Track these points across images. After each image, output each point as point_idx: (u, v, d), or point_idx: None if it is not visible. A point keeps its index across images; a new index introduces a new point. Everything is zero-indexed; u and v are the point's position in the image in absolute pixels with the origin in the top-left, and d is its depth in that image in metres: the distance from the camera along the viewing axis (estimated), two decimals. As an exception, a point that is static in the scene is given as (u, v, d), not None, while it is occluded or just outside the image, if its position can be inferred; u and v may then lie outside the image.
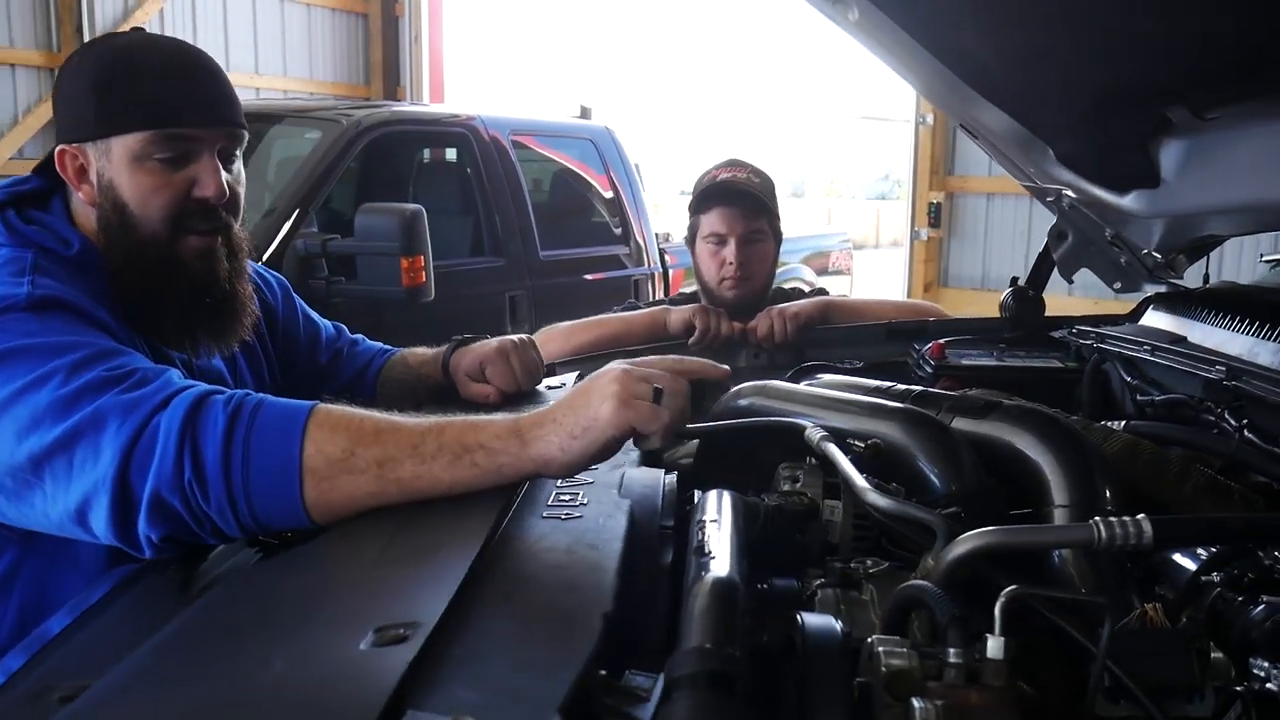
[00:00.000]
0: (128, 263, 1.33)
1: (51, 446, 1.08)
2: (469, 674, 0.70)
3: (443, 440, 1.06)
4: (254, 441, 1.06)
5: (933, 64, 1.81)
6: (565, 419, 1.07)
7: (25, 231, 1.31)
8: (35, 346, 1.14)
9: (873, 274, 12.36)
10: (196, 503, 1.05)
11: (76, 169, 1.34)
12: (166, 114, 1.31)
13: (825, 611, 1.01)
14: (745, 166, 2.42)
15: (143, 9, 7.35)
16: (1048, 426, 1.26)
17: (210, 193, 1.33)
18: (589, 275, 5.25)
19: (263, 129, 4.81)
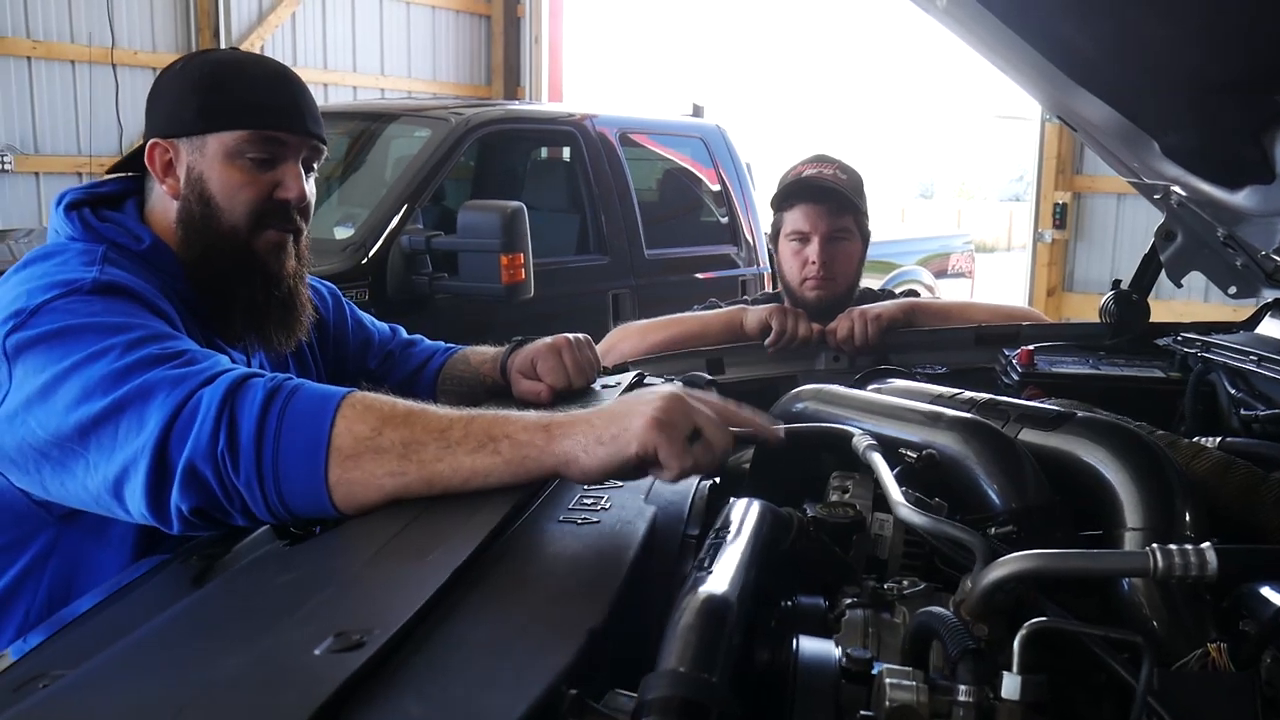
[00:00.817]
0: (205, 253, 1.40)
1: (99, 416, 1.11)
2: (425, 685, 0.66)
3: (470, 428, 1.05)
4: (288, 417, 1.07)
5: (1027, 52, 1.71)
6: (598, 423, 1.03)
7: (99, 228, 1.38)
8: (94, 325, 1.18)
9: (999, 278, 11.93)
10: (228, 475, 1.06)
11: (165, 163, 1.41)
12: (265, 117, 1.40)
13: (851, 633, 0.94)
14: (832, 162, 2.32)
15: (275, 13, 7.62)
16: (1124, 441, 1.16)
17: (292, 195, 1.42)
18: (700, 274, 5.19)
19: (379, 128, 4.94)
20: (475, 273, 3.86)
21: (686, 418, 1.02)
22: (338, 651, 0.67)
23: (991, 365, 1.94)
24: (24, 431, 1.16)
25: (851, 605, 0.96)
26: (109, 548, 1.29)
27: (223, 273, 1.40)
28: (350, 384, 1.65)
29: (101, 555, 1.29)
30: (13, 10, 6.28)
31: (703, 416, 1.04)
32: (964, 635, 0.74)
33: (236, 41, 7.31)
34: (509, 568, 0.87)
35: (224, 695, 0.63)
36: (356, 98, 7.91)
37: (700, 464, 1.02)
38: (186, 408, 1.08)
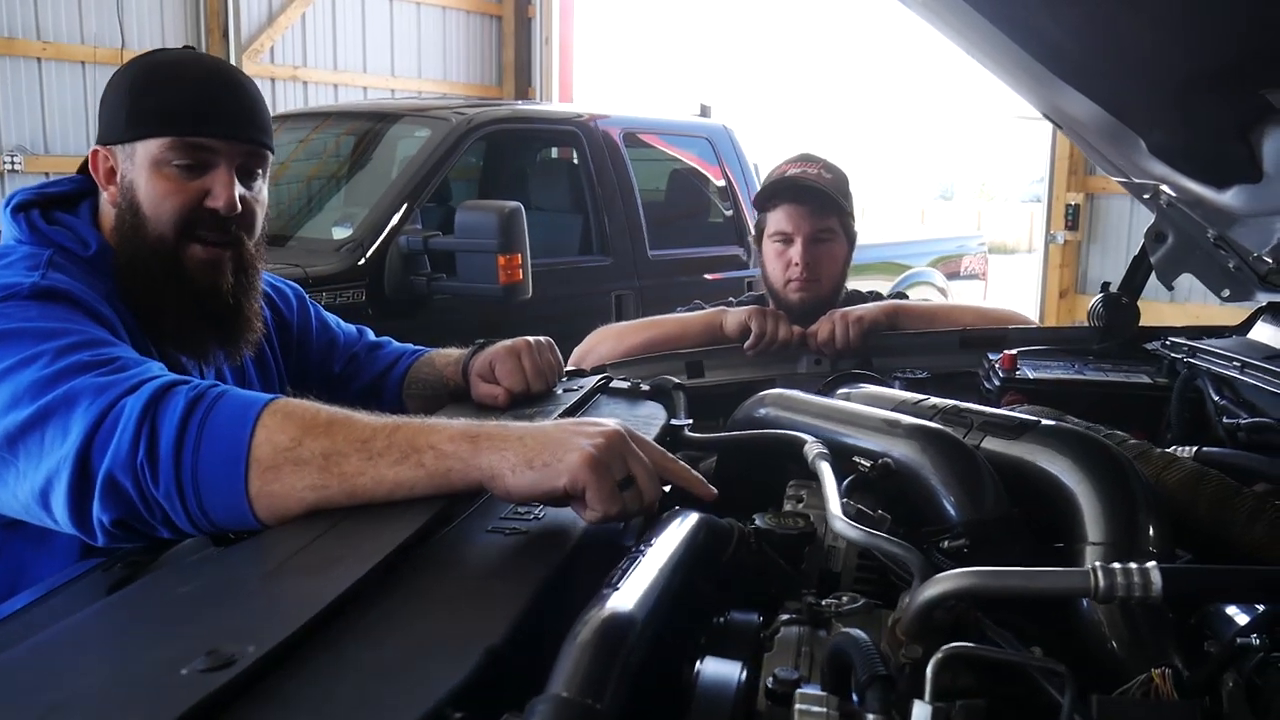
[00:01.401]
0: (132, 261, 1.37)
1: (25, 423, 1.09)
2: (296, 709, 0.63)
3: (394, 438, 1.01)
4: (208, 427, 1.03)
5: (1007, 46, 1.66)
6: (531, 444, 0.98)
7: (46, 231, 1.36)
8: (28, 330, 1.16)
9: (1012, 279, 11.82)
10: (147, 486, 1.02)
11: (107, 170, 1.39)
12: (186, 123, 1.35)
13: (784, 652, 0.89)
14: (817, 161, 2.26)
15: (286, 14, 7.62)
16: (1087, 451, 1.11)
17: (220, 204, 1.36)
18: (707, 275, 5.15)
19: (383, 128, 4.93)
20: (473, 273, 3.83)
21: (621, 462, 0.98)
22: (206, 670, 0.64)
23: (976, 370, 1.88)
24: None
25: (787, 622, 0.92)
26: (52, 556, 1.26)
27: (151, 282, 1.37)
28: (314, 386, 1.65)
29: (44, 563, 1.26)
30: (23, 11, 6.31)
31: (638, 464, 0.99)
32: (874, 660, 0.70)
33: (246, 43, 7.33)
34: (418, 581, 0.84)
35: (72, 715, 0.60)
36: (367, 98, 7.91)
37: (627, 511, 0.97)
38: (109, 416, 1.05)
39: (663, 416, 1.46)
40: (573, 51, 9.41)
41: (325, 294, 3.62)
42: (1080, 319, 6.56)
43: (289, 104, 7.46)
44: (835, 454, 1.20)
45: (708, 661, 0.73)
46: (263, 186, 1.45)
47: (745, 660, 0.78)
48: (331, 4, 7.99)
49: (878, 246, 7.07)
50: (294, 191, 4.80)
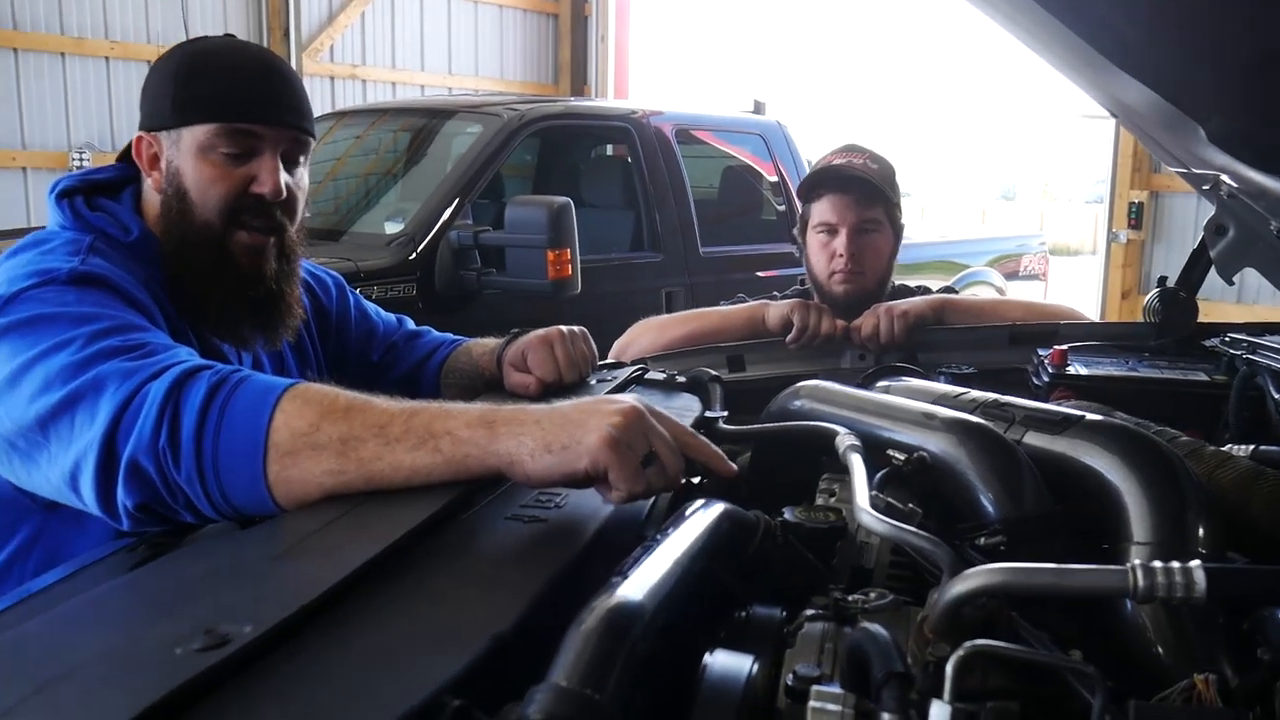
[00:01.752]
0: (179, 248, 1.38)
1: (56, 408, 1.10)
2: (290, 691, 0.61)
3: (411, 424, 1.00)
4: (228, 412, 1.03)
5: (1060, 32, 1.60)
6: (549, 427, 0.97)
7: (89, 217, 1.37)
8: (63, 315, 1.17)
9: (1074, 280, 11.57)
10: (170, 470, 1.02)
11: (150, 156, 1.40)
12: (233, 109, 1.35)
13: (806, 648, 0.86)
14: (863, 151, 2.21)
15: (345, 13, 7.72)
16: (1134, 447, 1.06)
17: (266, 190, 1.37)
18: (759, 272, 5.10)
19: (437, 125, 4.96)
20: (522, 268, 3.84)
21: (642, 438, 0.96)
22: (201, 650, 0.62)
23: (1025, 366, 1.83)
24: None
25: (811, 618, 0.89)
26: (88, 536, 1.27)
27: (197, 269, 1.38)
28: (353, 375, 1.65)
29: (81, 543, 1.27)
30: (92, 12, 6.47)
31: (659, 440, 0.97)
32: (892, 656, 0.67)
33: (306, 42, 7.43)
34: (429, 567, 0.82)
35: (64, 688, 0.59)
36: (424, 96, 7.98)
37: (652, 488, 0.96)
38: (134, 401, 1.05)
39: (697, 409, 1.43)
40: (628, 49, 9.41)
41: (376, 288, 3.65)
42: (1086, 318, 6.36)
43: (347, 102, 7.55)
44: (870, 447, 1.16)
45: (718, 654, 0.70)
46: (304, 173, 1.46)
47: (758, 654, 0.75)
48: (390, 3, 8.08)
49: (934, 245, 6.97)
50: (350, 187, 4.86)
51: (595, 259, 4.22)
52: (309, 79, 7.49)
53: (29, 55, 6.19)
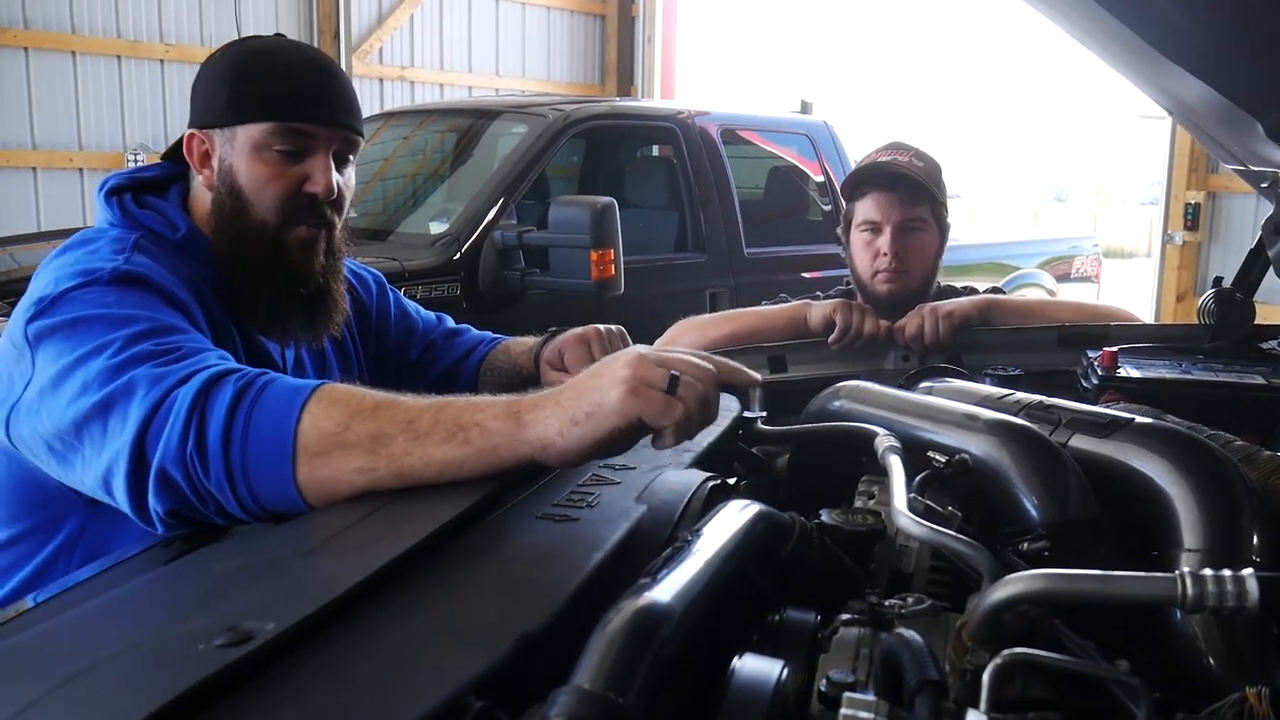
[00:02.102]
0: (234, 245, 1.39)
1: (90, 412, 1.10)
2: (310, 688, 0.61)
3: (440, 418, 1.00)
4: (255, 416, 1.03)
5: (1116, 29, 1.56)
6: (568, 402, 0.97)
7: (137, 214, 1.38)
8: (103, 317, 1.17)
9: (1128, 283, 11.35)
10: (198, 477, 1.03)
11: (201, 154, 1.41)
12: (289, 109, 1.36)
13: (841, 654, 0.84)
14: (908, 149, 2.17)
15: (394, 15, 7.78)
16: (1185, 450, 1.02)
17: (320, 189, 1.38)
18: (805, 274, 5.06)
19: (482, 125, 4.98)
20: (566, 268, 3.84)
21: (659, 370, 0.97)
22: (223, 646, 0.62)
23: (1074, 369, 1.78)
24: (36, 421, 1.17)
25: (847, 623, 0.87)
26: (130, 532, 1.27)
27: (250, 266, 1.39)
28: (392, 373, 1.65)
29: (124, 539, 1.27)
30: (147, 16, 6.58)
31: (674, 361, 0.99)
32: (926, 663, 0.65)
33: (356, 43, 7.50)
34: (458, 565, 0.81)
35: (87, 682, 0.59)
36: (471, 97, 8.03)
37: (692, 411, 0.97)
38: (162, 408, 1.06)
39: (735, 409, 1.41)
40: (675, 50, 9.39)
41: (420, 288, 3.67)
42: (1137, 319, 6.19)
43: (396, 104, 7.61)
44: (911, 449, 1.14)
45: (747, 659, 0.68)
46: (351, 173, 1.46)
47: (790, 659, 0.73)
48: (439, 5, 8.13)
49: (984, 246, 6.87)
50: (397, 187, 4.89)
51: (639, 259, 4.21)
52: (358, 81, 7.56)
53: (86, 58, 6.31)
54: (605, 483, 1.05)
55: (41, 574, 1.31)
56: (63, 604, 0.89)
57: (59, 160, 6.28)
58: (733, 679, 0.65)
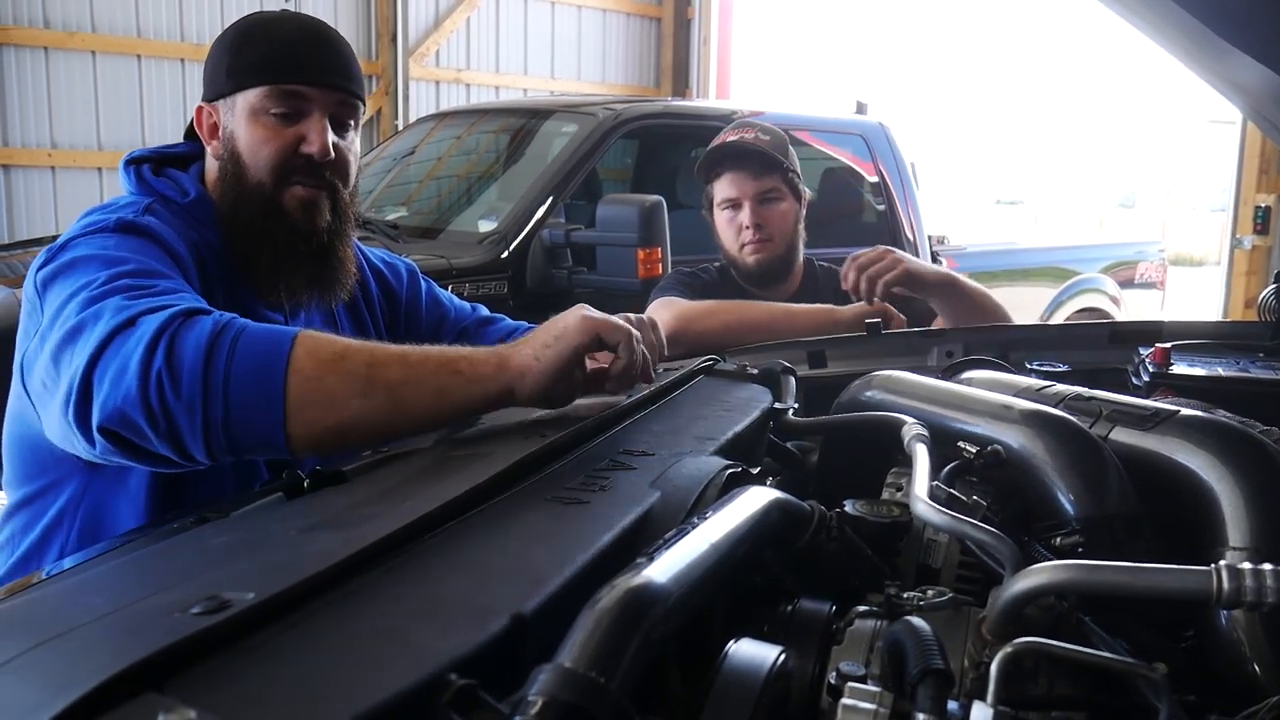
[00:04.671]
0: (235, 207, 1.42)
1: (62, 340, 1.13)
2: (280, 659, 0.58)
3: (429, 353, 1.10)
4: (242, 343, 1.05)
5: (1177, 15, 1.51)
6: (538, 336, 1.15)
7: (151, 182, 1.44)
8: (97, 257, 1.21)
9: (1199, 290, 11.05)
10: (166, 394, 1.03)
11: (210, 126, 1.45)
12: (283, 72, 1.39)
13: (855, 646, 0.81)
14: (753, 126, 2.32)
15: (451, 19, 7.85)
16: (1231, 444, 0.97)
17: (314, 149, 1.40)
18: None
19: (535, 125, 4.99)
20: (612, 267, 3.81)
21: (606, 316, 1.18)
22: (200, 614, 0.60)
23: (1125, 366, 1.72)
24: (35, 364, 1.20)
25: (863, 614, 0.83)
26: (126, 497, 1.31)
27: (251, 227, 1.41)
28: None
29: (122, 504, 1.32)
30: (210, 18, 6.70)
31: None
32: (931, 652, 0.61)
33: (413, 47, 7.58)
34: (457, 543, 0.79)
35: (59, 645, 0.58)
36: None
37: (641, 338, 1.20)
38: (125, 330, 1.07)
39: (767, 400, 1.38)
40: (730, 52, 9.35)
41: (468, 286, 3.67)
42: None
43: (452, 105, 7.67)
44: (944, 440, 1.10)
45: (742, 643, 0.65)
46: (355, 138, 1.48)
47: (798, 650, 0.70)
48: (495, 8, 8.18)
49: (1045, 250, 6.72)
50: (449, 186, 4.92)
51: (690, 259, 4.17)
52: (415, 83, 7.63)
53: (105, 58, 6.37)
54: (622, 468, 1.02)
55: (45, 539, 1.34)
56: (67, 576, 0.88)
57: (78, 160, 6.34)
58: (724, 663, 0.62)
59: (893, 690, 0.63)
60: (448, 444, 1.11)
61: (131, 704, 0.52)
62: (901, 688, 0.64)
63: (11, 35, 5.98)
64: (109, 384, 1.05)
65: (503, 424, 1.18)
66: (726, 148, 2.29)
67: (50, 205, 6.28)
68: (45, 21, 6.13)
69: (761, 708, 0.59)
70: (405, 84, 7.50)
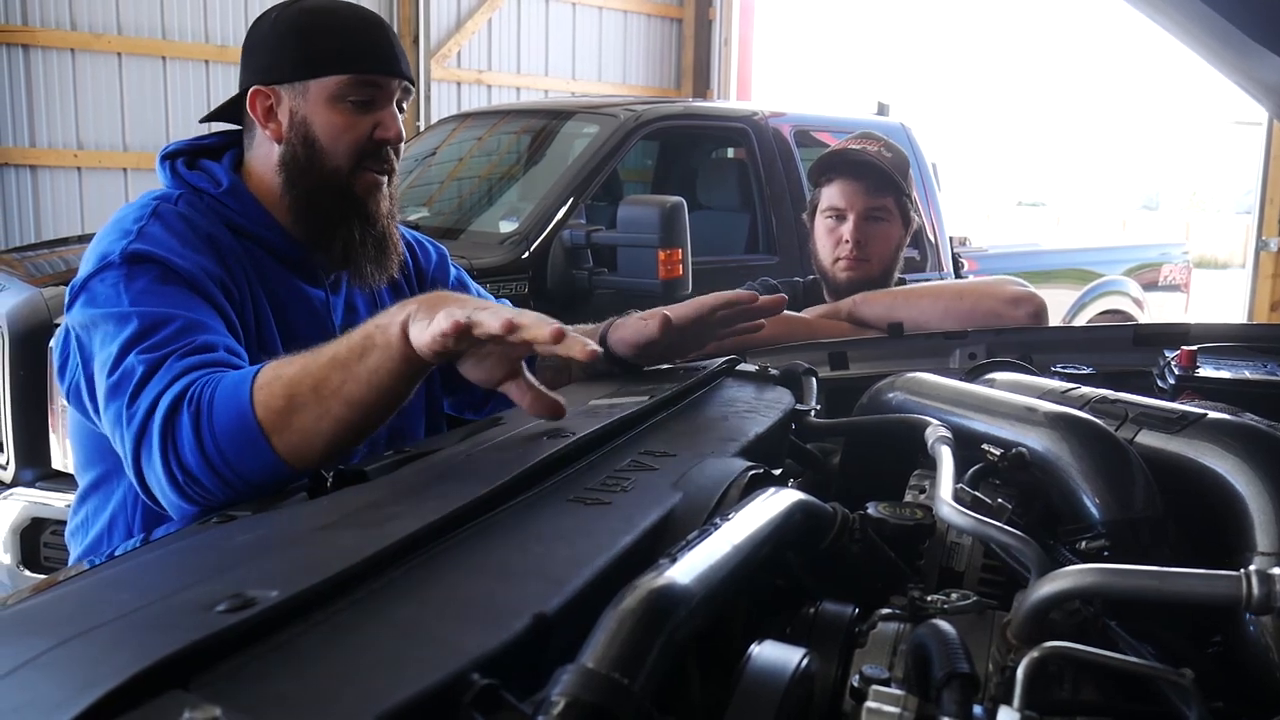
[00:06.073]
0: (309, 193, 1.47)
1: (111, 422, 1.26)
2: (303, 658, 0.59)
3: (349, 344, 1.14)
4: (217, 429, 1.15)
5: (1202, 13, 1.49)
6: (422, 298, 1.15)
7: (185, 175, 1.48)
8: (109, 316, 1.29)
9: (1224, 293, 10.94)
10: (197, 492, 1.17)
11: (266, 108, 1.47)
12: (363, 61, 1.46)
13: (878, 649, 0.80)
14: (878, 139, 2.20)
15: (472, 20, 7.87)
16: (1260, 447, 0.96)
17: (391, 134, 1.48)
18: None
19: (555, 125, 5.00)
20: (633, 268, 3.81)
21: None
22: (224, 612, 0.61)
23: (1151, 369, 1.70)
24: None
25: (886, 617, 0.82)
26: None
27: (328, 211, 1.47)
28: None
29: None
30: (234, 19, 6.75)
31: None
32: (956, 655, 0.60)
33: (435, 48, 7.61)
34: (478, 541, 0.79)
35: (81, 643, 0.58)
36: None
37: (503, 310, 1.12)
38: (143, 438, 1.19)
39: (788, 401, 1.37)
40: (752, 53, 9.33)
41: (489, 286, 3.66)
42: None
43: (473, 106, 7.69)
44: (967, 443, 1.09)
45: (766, 644, 0.64)
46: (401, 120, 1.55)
47: (820, 652, 0.69)
48: (516, 9, 8.20)
49: (1066, 252, 6.68)
50: (470, 186, 4.93)
51: (710, 260, 4.18)
52: (436, 84, 7.66)
53: (131, 60, 6.41)
54: (644, 469, 1.02)
55: (112, 522, 1.42)
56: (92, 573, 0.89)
57: (104, 161, 6.39)
58: (748, 664, 0.61)
59: (917, 694, 0.63)
60: (470, 443, 1.12)
61: (156, 701, 0.52)
62: (926, 691, 0.64)
63: (39, 37, 6.03)
64: (157, 491, 1.19)
65: (525, 425, 1.18)
66: (844, 155, 2.20)
67: (76, 205, 6.34)
68: (72, 23, 6.19)
69: (785, 710, 0.59)
70: (427, 85, 7.53)
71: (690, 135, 5.29)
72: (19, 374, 3.02)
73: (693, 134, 5.26)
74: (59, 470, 3.05)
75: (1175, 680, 0.60)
